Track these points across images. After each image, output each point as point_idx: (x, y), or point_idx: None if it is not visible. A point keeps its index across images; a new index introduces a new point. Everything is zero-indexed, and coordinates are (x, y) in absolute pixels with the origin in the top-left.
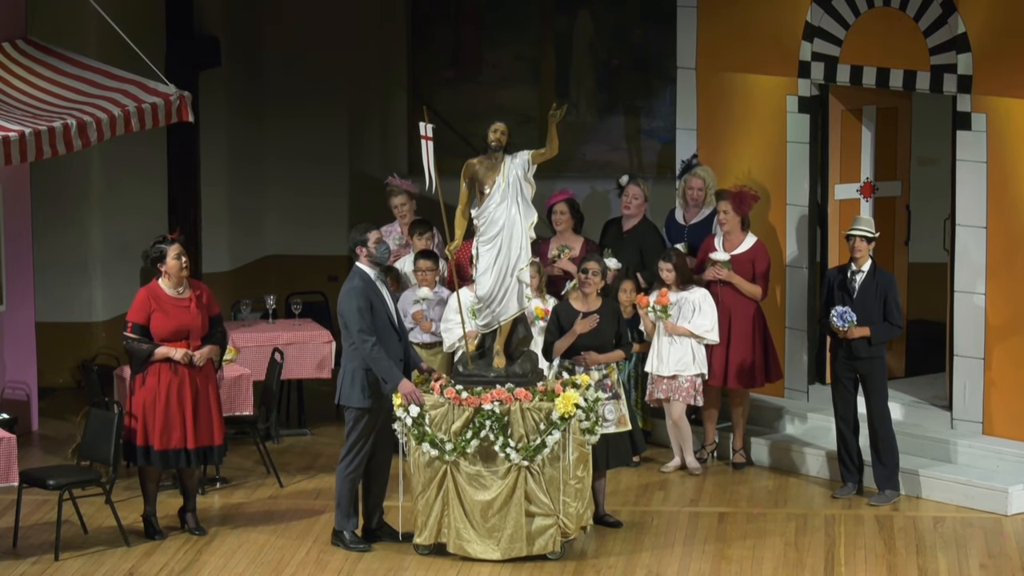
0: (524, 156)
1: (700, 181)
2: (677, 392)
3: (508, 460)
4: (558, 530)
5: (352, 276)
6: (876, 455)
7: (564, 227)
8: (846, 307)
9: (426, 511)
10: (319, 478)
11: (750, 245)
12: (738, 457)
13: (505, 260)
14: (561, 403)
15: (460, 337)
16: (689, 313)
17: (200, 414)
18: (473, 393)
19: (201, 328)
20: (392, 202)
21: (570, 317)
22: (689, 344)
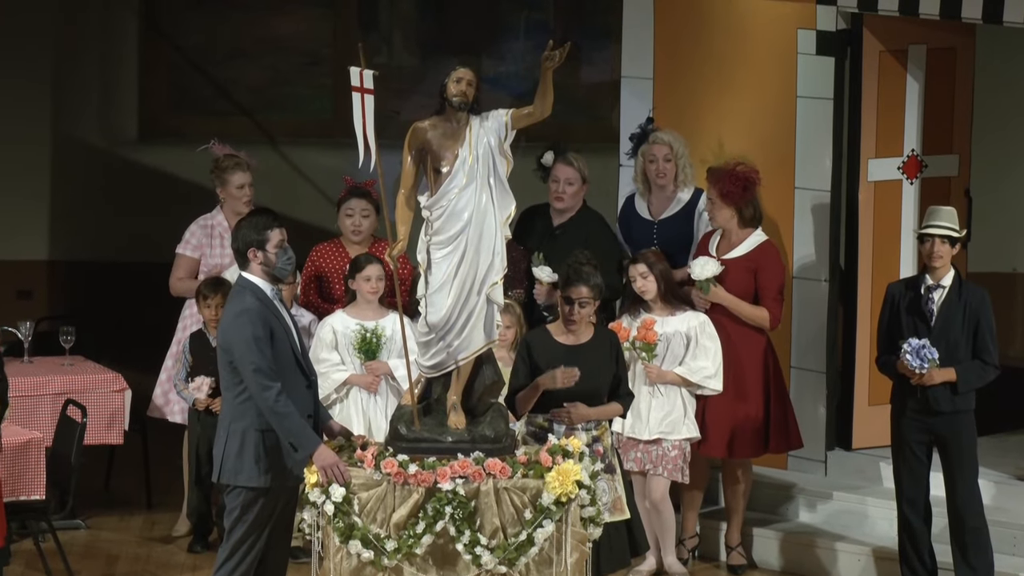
0: (500, 118)
1: (665, 148)
2: (660, 464)
3: (477, 565)
4: None
5: (240, 292)
6: (961, 555)
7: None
8: (924, 340)
9: None
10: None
11: (753, 246)
12: (736, 557)
13: (470, 270)
14: (556, 481)
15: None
16: (680, 349)
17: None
18: (424, 467)
19: None
20: (229, 180)
21: (547, 354)
22: (679, 396)
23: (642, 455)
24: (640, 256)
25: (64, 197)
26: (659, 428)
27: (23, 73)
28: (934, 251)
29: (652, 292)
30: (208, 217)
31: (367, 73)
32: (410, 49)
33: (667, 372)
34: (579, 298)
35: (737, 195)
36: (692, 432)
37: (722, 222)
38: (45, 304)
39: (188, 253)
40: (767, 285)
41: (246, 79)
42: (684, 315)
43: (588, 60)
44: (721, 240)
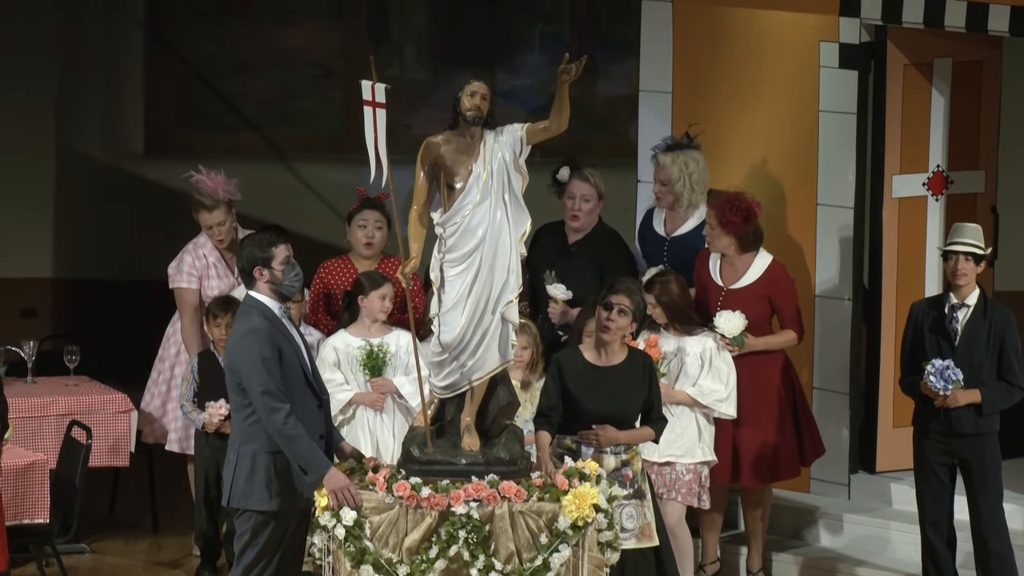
0: (515, 132)
1: (662, 173)
2: (674, 488)
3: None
4: None
5: (247, 312)
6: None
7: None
8: (948, 361)
9: None
10: None
11: (761, 271)
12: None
13: (485, 289)
14: (573, 504)
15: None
16: (694, 370)
17: None
18: (438, 490)
19: None
20: (201, 221)
21: (578, 374)
22: (693, 417)
23: (655, 478)
24: (649, 285)
25: (68, 213)
26: (669, 451)
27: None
28: (958, 269)
29: (661, 319)
30: (197, 244)
31: (379, 86)
32: (422, 62)
33: (676, 392)
34: (619, 304)
35: (737, 225)
36: (707, 456)
37: (721, 248)
38: (49, 323)
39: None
40: (785, 307)
41: (254, 93)
42: (700, 337)
43: (605, 74)
44: (724, 266)
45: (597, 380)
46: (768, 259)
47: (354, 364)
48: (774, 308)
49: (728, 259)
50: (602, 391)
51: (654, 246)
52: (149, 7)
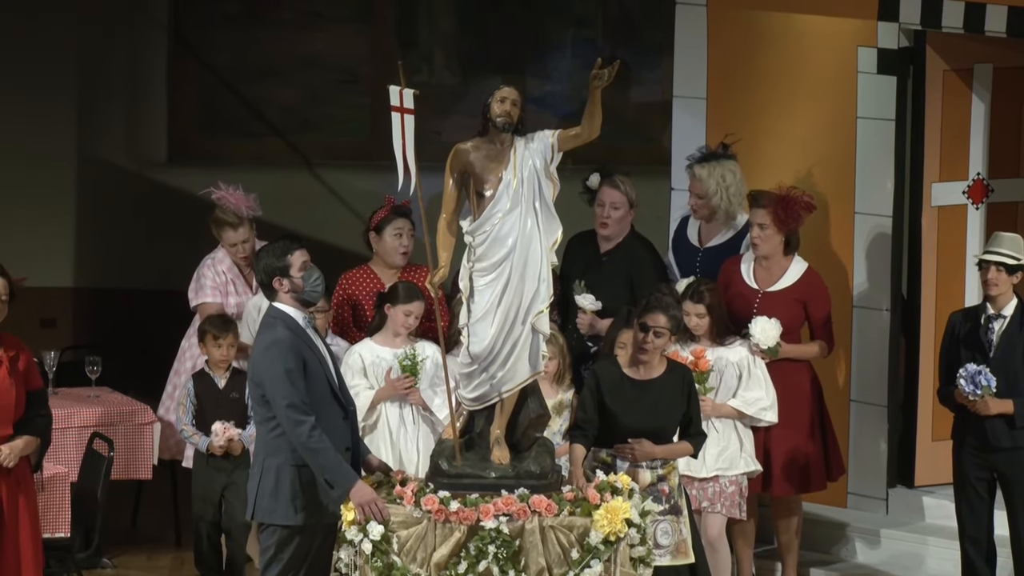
0: (546, 139)
1: (697, 186)
2: (717, 500)
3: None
4: None
5: (270, 323)
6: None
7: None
8: (982, 366)
9: None
10: None
11: (797, 276)
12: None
13: (515, 299)
14: (605, 519)
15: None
16: (733, 381)
17: (6, 542)
18: (467, 504)
19: (14, 408)
20: (223, 238)
21: (615, 387)
22: (734, 429)
23: (697, 492)
24: (698, 295)
25: (89, 222)
26: (716, 465)
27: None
28: (989, 279)
29: (704, 329)
30: (217, 260)
31: (407, 92)
32: (451, 67)
33: (722, 405)
34: (655, 326)
35: (793, 222)
36: (751, 466)
37: (768, 250)
38: (70, 333)
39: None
40: (819, 316)
41: (279, 98)
42: (734, 346)
43: (638, 79)
44: (758, 269)
45: (635, 393)
46: (804, 265)
47: (379, 374)
48: (808, 315)
49: (763, 263)
50: (640, 405)
51: (687, 256)
52: (173, 11)
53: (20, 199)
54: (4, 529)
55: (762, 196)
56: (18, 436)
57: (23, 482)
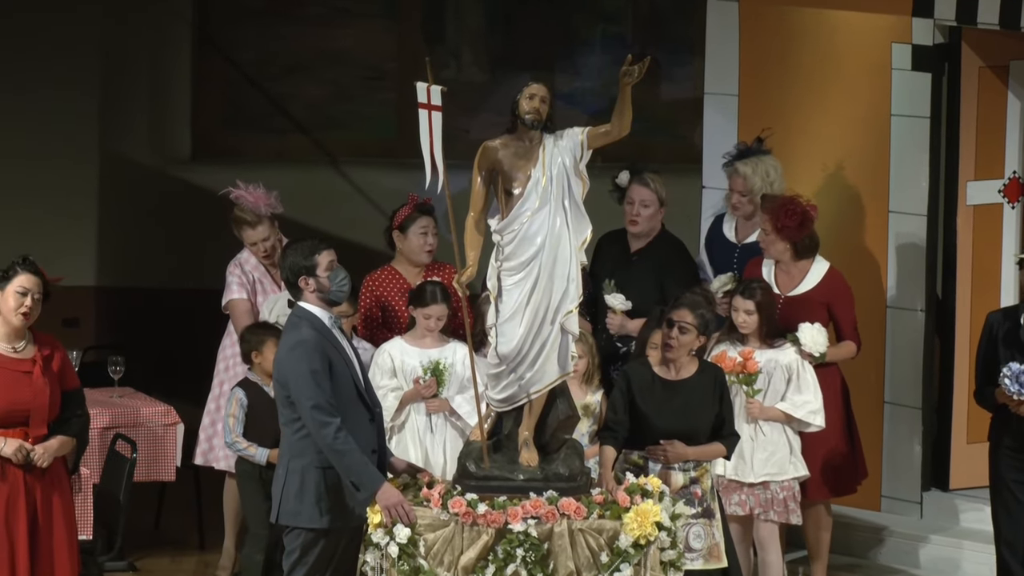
0: (576, 136)
1: (740, 182)
2: (769, 507)
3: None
4: None
5: (296, 323)
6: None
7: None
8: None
9: None
10: None
11: (819, 277)
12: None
13: (543, 298)
14: (634, 522)
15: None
16: (781, 384)
17: (40, 545)
18: (494, 506)
19: (48, 408)
20: (243, 237)
21: (646, 388)
22: (784, 433)
23: (747, 498)
24: (750, 291)
25: (112, 219)
26: (764, 470)
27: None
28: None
29: (753, 328)
30: (240, 260)
31: (434, 89)
32: (479, 63)
33: (770, 408)
34: (680, 321)
35: (792, 230)
36: (800, 471)
37: (776, 255)
38: (92, 333)
39: (245, 296)
40: (844, 317)
41: (304, 95)
42: (782, 348)
43: (669, 76)
44: (779, 273)
45: (666, 394)
46: (825, 265)
47: (408, 374)
48: (833, 317)
49: (783, 266)
50: (671, 406)
51: (724, 253)
52: (197, 7)
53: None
54: (38, 531)
55: (766, 201)
56: (53, 436)
57: (58, 483)
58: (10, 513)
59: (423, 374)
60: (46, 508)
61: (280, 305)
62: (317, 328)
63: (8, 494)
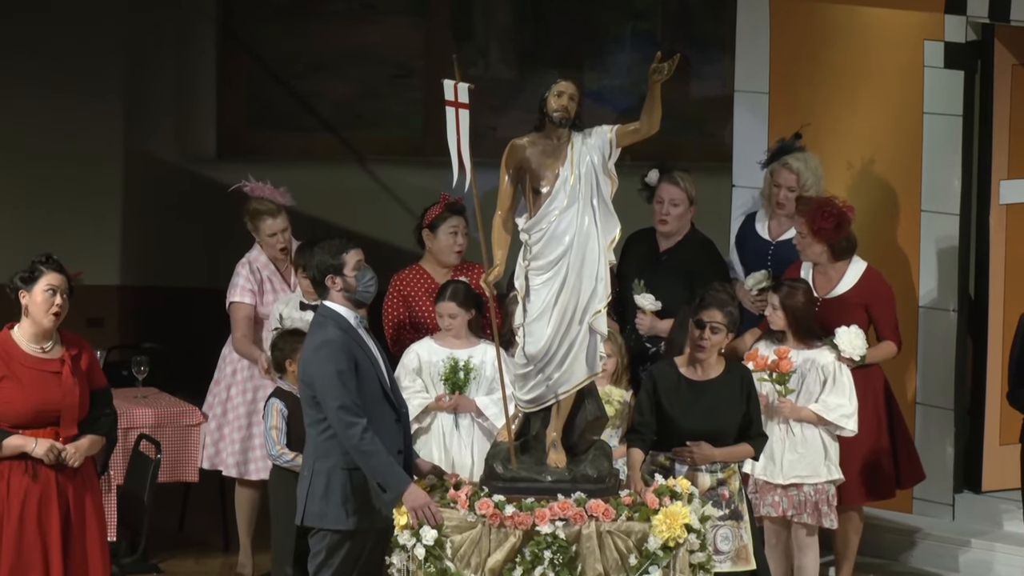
0: (604, 135)
1: (792, 177)
2: (801, 509)
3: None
4: None
5: (321, 323)
6: None
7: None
8: None
9: None
10: None
11: (857, 278)
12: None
13: (572, 298)
14: (663, 523)
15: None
16: (816, 386)
17: (73, 545)
18: (522, 508)
19: (78, 408)
20: (260, 228)
21: (672, 389)
22: (818, 435)
23: (780, 499)
24: (780, 287)
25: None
26: (794, 471)
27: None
28: None
29: (779, 324)
30: (251, 259)
31: (462, 86)
32: (507, 61)
33: (801, 408)
34: (711, 321)
35: (830, 232)
36: (834, 474)
37: (813, 257)
38: (116, 332)
39: (247, 300)
40: (884, 317)
41: (331, 93)
42: (820, 349)
43: (699, 73)
44: (816, 275)
45: (692, 395)
46: (863, 266)
47: (436, 374)
48: (872, 317)
49: (820, 268)
50: (697, 406)
51: (757, 251)
52: (221, 3)
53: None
54: (71, 531)
55: (801, 203)
56: (83, 436)
57: (89, 483)
58: (43, 514)
59: (444, 373)
60: (79, 508)
61: (291, 307)
62: (343, 328)
63: (40, 494)
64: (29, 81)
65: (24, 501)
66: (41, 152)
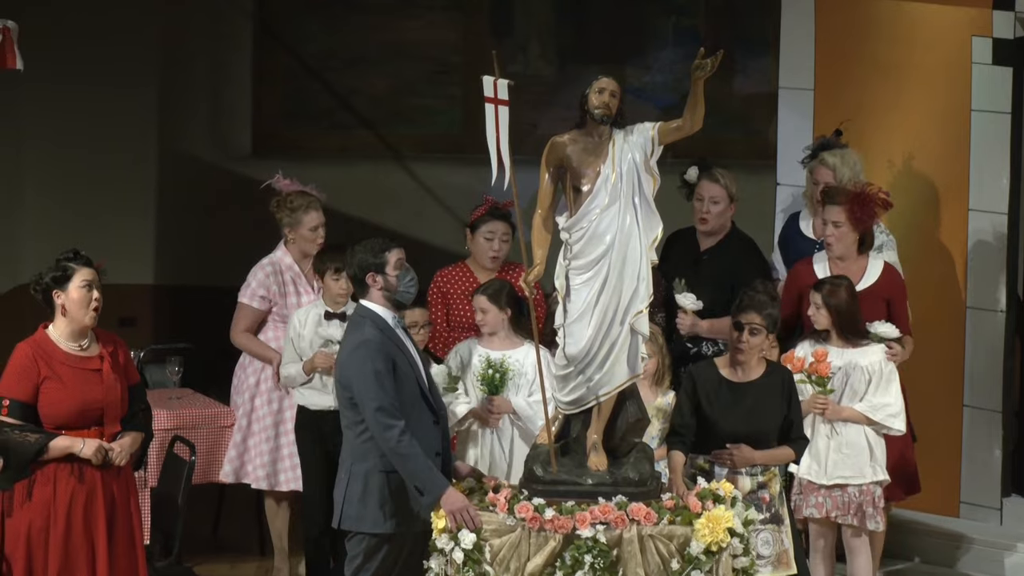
0: (646, 132)
1: (829, 173)
2: (846, 511)
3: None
4: None
5: (359, 323)
6: None
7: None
8: None
9: None
10: None
11: (877, 274)
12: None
13: (613, 298)
14: (706, 528)
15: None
16: (861, 386)
17: (118, 545)
18: (562, 511)
19: (120, 405)
20: (303, 221)
21: (712, 390)
22: (863, 436)
23: (824, 500)
24: (822, 285)
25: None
26: (838, 472)
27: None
28: None
29: (823, 324)
30: (274, 261)
31: (501, 82)
32: (547, 57)
33: (844, 408)
34: (749, 323)
35: (869, 219)
36: (879, 475)
37: (843, 250)
38: (150, 332)
39: (255, 305)
40: (902, 312)
41: (368, 88)
42: (866, 348)
43: (742, 70)
44: (835, 270)
45: (733, 397)
46: (882, 261)
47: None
48: (891, 312)
49: (841, 264)
50: (738, 408)
51: (802, 250)
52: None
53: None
54: (115, 531)
55: (837, 193)
56: (124, 433)
57: (129, 481)
58: (88, 515)
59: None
60: (123, 507)
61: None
62: (380, 327)
63: (86, 495)
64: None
65: (71, 503)
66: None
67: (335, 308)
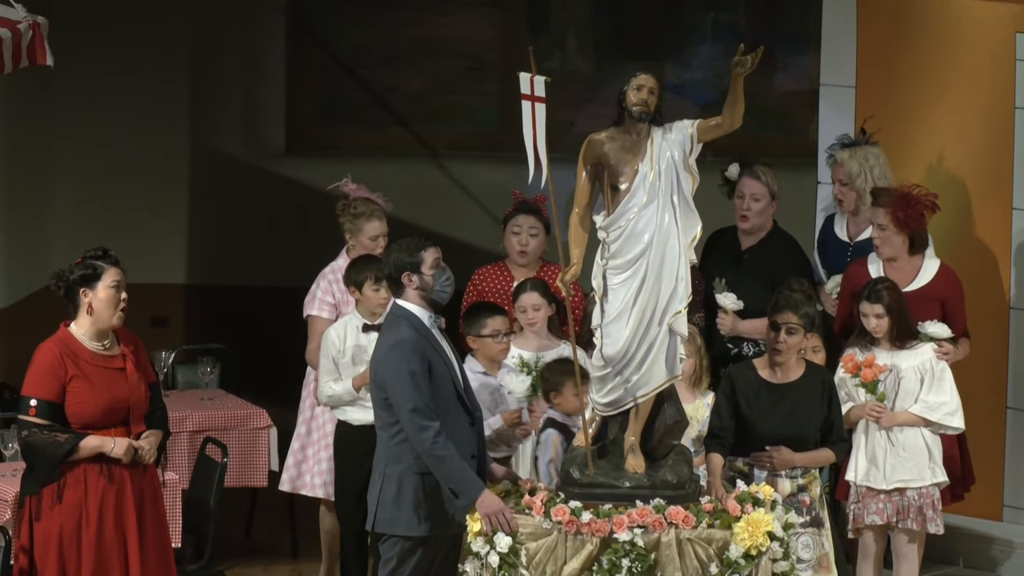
0: (685, 129)
1: (841, 171)
2: (905, 515)
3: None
4: None
5: (395, 322)
6: None
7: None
8: None
9: None
10: None
11: (932, 274)
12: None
13: (651, 298)
14: (745, 531)
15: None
16: (914, 386)
17: (148, 543)
18: (599, 515)
19: (143, 403)
20: (364, 229)
21: (751, 391)
22: (920, 437)
23: (884, 506)
24: (875, 294)
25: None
26: (897, 476)
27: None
28: None
29: (883, 330)
30: (335, 268)
31: (538, 79)
32: (585, 53)
33: (899, 414)
34: (786, 323)
35: (914, 222)
36: (938, 476)
37: (892, 251)
38: (182, 332)
39: (324, 315)
40: (959, 313)
41: (403, 86)
42: (916, 348)
43: (783, 66)
44: (889, 271)
45: (772, 398)
46: (938, 261)
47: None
48: (947, 313)
49: (895, 264)
50: (777, 410)
51: (837, 253)
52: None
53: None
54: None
55: (882, 194)
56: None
57: (154, 479)
58: (119, 514)
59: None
60: (151, 504)
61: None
62: (416, 327)
63: (116, 495)
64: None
65: (102, 503)
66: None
67: (372, 320)
